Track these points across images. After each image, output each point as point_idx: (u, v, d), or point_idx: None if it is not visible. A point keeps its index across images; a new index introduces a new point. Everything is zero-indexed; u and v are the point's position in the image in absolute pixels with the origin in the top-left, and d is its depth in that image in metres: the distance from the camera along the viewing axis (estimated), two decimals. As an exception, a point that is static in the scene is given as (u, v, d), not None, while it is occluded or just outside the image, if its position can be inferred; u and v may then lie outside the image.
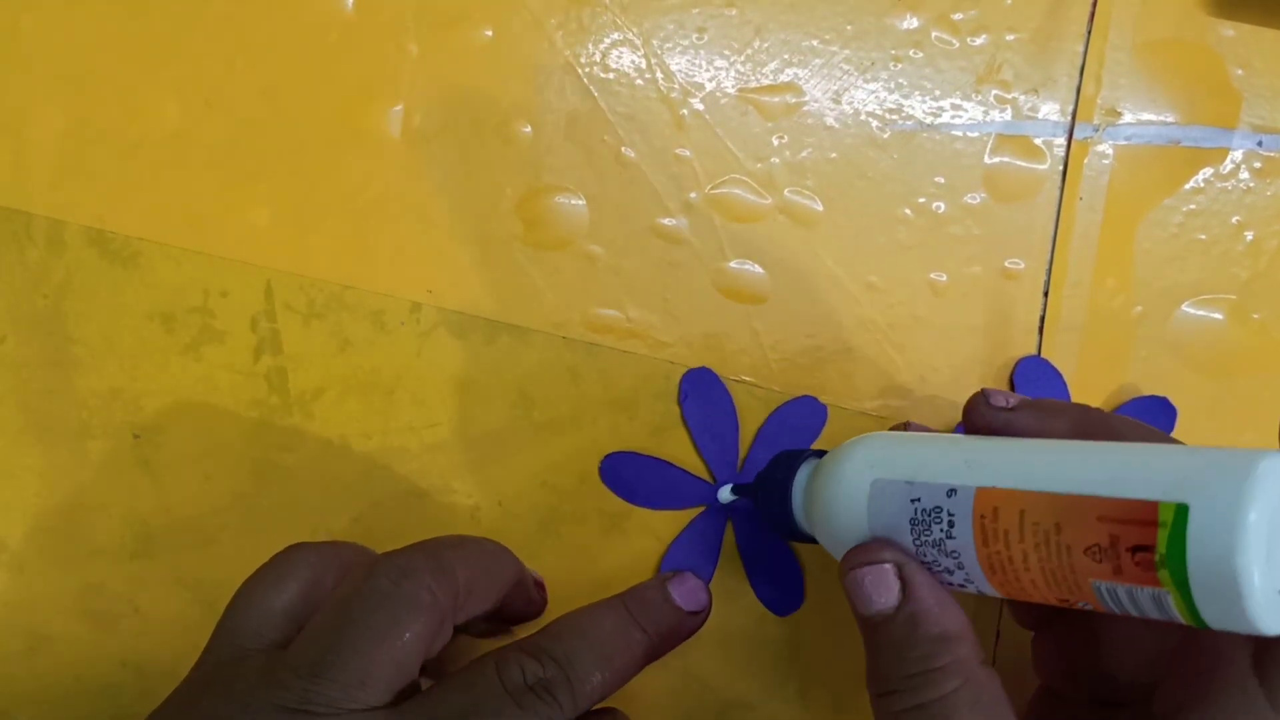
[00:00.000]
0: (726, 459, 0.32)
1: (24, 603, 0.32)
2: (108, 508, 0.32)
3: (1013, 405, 0.26)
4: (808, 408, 0.32)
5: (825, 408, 0.32)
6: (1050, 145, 0.33)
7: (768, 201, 0.33)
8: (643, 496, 0.32)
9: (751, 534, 0.32)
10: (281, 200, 0.33)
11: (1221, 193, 0.33)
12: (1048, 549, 0.21)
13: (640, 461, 0.32)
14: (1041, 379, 0.32)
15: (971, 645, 0.23)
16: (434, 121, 0.33)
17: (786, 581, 0.32)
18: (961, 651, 0.23)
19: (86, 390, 0.32)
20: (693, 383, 0.32)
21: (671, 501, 0.31)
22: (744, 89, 0.33)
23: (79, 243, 0.32)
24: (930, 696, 0.22)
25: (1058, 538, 0.21)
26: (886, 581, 0.24)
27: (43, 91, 0.32)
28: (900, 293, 0.33)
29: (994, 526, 0.22)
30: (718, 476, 0.32)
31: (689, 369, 0.32)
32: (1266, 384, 0.33)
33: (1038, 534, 0.21)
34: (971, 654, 0.23)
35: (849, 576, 0.24)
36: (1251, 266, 0.33)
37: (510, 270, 0.33)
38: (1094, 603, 0.21)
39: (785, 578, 0.32)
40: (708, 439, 0.32)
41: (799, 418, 0.32)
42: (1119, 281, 0.33)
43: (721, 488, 0.31)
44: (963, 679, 0.22)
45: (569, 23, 0.33)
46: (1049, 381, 0.32)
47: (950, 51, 0.34)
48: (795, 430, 0.32)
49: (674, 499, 0.32)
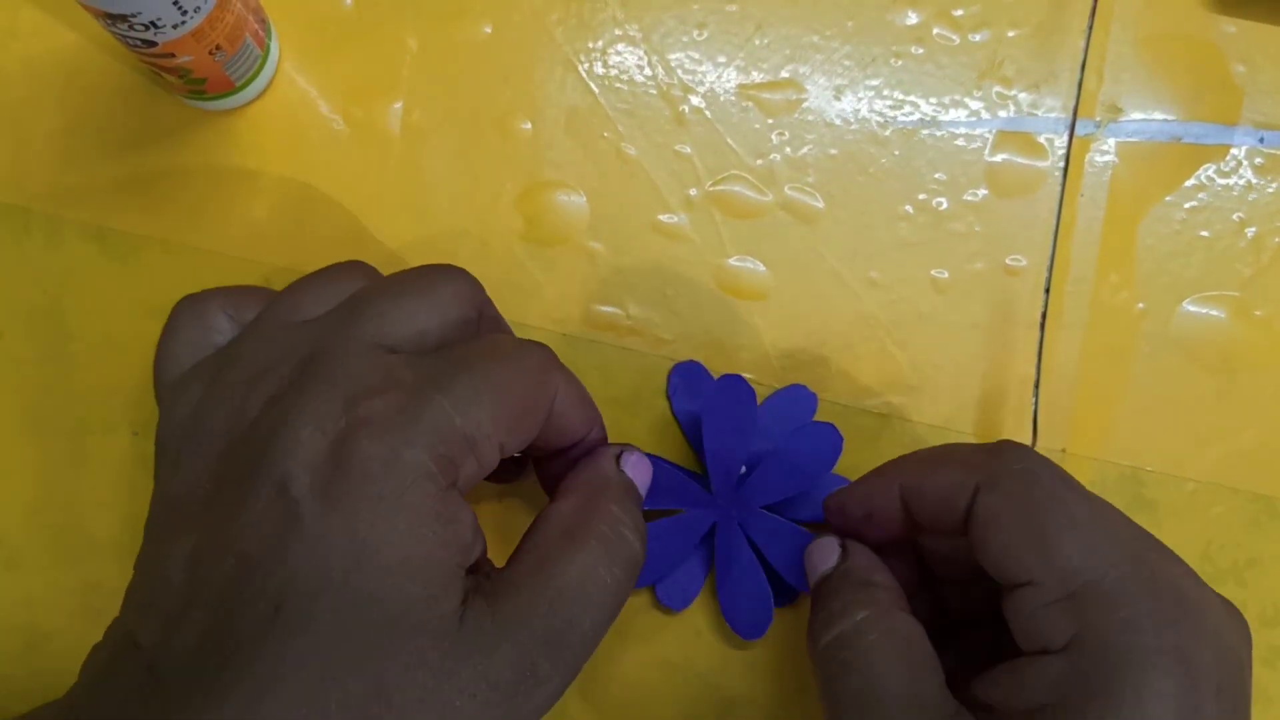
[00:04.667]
0: (721, 456, 0.31)
1: (22, 600, 0.32)
2: (107, 505, 0.32)
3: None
4: (796, 395, 0.32)
5: (814, 396, 0.32)
6: (1052, 142, 0.33)
7: (768, 198, 0.33)
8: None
9: (733, 545, 0.31)
10: (280, 196, 0.32)
11: (1223, 189, 0.33)
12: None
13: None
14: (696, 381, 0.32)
15: (893, 594, 0.26)
16: (433, 117, 0.33)
17: (756, 601, 0.31)
18: (880, 595, 0.26)
19: (85, 387, 0.32)
20: (682, 376, 0.32)
21: (667, 500, 0.31)
22: (744, 85, 0.33)
23: (78, 239, 0.32)
24: (845, 628, 0.25)
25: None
26: (830, 547, 0.28)
27: (42, 87, 0.32)
28: (902, 289, 0.33)
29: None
30: (711, 472, 0.31)
31: (676, 363, 0.32)
32: (1269, 380, 0.33)
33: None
34: (891, 600, 0.26)
35: (804, 559, 0.29)
36: (1254, 263, 0.33)
37: (510, 267, 0.32)
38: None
39: (757, 599, 0.31)
40: (696, 435, 0.31)
41: (787, 406, 0.32)
42: (1121, 278, 0.33)
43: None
44: (875, 613, 0.25)
45: (569, 18, 0.33)
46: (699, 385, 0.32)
47: (951, 47, 0.34)
48: (786, 420, 0.32)
49: (669, 498, 0.31)
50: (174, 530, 0.22)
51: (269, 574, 0.20)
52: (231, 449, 0.22)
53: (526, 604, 0.22)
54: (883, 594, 0.26)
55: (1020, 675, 0.23)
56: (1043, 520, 0.23)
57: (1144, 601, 0.22)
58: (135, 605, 0.22)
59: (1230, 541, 0.32)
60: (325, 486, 0.21)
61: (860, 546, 0.28)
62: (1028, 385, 0.32)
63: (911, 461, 0.27)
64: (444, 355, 0.24)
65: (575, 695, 0.31)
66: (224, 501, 0.22)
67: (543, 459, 0.28)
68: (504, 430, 0.23)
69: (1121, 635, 0.22)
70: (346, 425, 0.21)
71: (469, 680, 0.21)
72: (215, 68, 0.30)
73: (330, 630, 0.20)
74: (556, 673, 0.22)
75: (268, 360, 0.23)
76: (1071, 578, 0.23)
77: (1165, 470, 0.33)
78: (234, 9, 0.29)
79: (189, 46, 0.28)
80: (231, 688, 0.20)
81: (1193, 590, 0.23)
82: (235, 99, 0.32)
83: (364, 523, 0.21)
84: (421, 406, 0.22)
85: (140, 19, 0.26)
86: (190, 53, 0.28)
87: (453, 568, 0.22)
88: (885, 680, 0.24)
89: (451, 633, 0.21)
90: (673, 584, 0.31)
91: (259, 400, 0.22)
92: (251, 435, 0.22)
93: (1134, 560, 0.23)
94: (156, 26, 0.27)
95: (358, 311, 0.24)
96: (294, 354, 0.23)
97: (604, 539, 0.24)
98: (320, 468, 0.21)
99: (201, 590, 0.21)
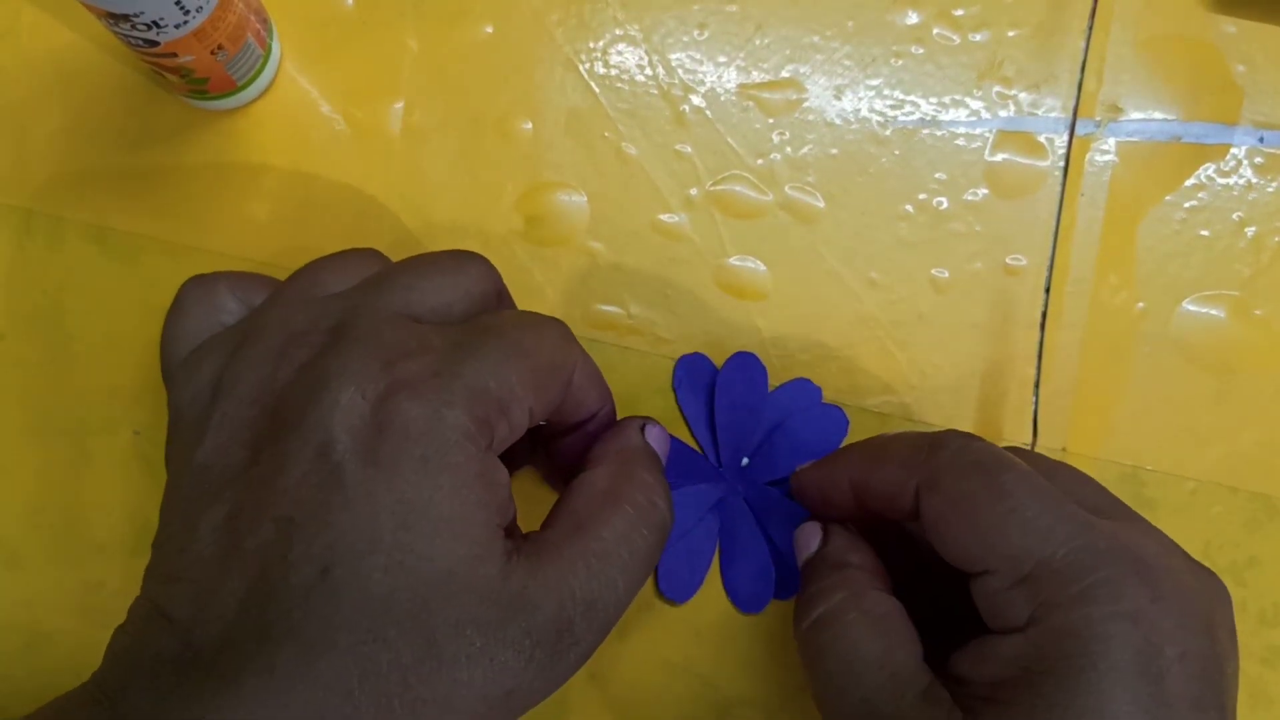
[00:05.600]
0: (731, 431, 0.31)
1: (23, 600, 0.32)
2: (108, 505, 0.32)
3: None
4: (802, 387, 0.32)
5: (819, 388, 0.32)
6: (1052, 141, 0.33)
7: (769, 198, 0.33)
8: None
9: (741, 522, 0.31)
10: (281, 196, 0.32)
11: (1223, 189, 0.33)
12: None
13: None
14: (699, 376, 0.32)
15: (870, 574, 0.27)
16: (434, 117, 0.33)
17: (757, 576, 0.31)
18: (856, 576, 0.26)
19: (86, 387, 0.32)
20: (686, 369, 0.32)
21: (674, 473, 0.31)
22: (745, 85, 0.33)
23: (78, 239, 0.32)
24: (823, 611, 0.26)
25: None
26: (813, 533, 0.28)
27: (43, 87, 0.32)
28: (902, 289, 0.33)
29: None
30: (721, 446, 0.31)
31: (683, 355, 0.32)
32: (1269, 381, 0.33)
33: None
34: (866, 580, 0.26)
35: (793, 543, 0.29)
36: (1253, 263, 0.33)
37: (511, 267, 0.32)
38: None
39: (758, 573, 0.31)
40: (703, 427, 0.32)
41: (793, 396, 0.32)
42: (1121, 278, 0.33)
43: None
44: (851, 594, 0.26)
45: (569, 19, 0.33)
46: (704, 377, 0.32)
47: (951, 47, 0.34)
48: (793, 406, 0.32)
49: (678, 471, 0.31)
50: (202, 500, 0.22)
51: (314, 537, 0.20)
52: (264, 415, 0.22)
53: (568, 565, 0.23)
54: (858, 574, 0.27)
55: (987, 650, 0.23)
56: (984, 513, 0.23)
57: (1100, 571, 0.22)
58: (162, 579, 0.22)
59: (1229, 541, 0.32)
60: (368, 448, 0.21)
61: (839, 529, 0.28)
62: (1028, 385, 0.32)
63: (858, 455, 0.28)
64: (471, 324, 0.24)
65: (575, 695, 0.31)
66: (259, 467, 0.21)
67: (555, 435, 0.28)
68: (532, 394, 0.23)
69: (1076, 609, 0.22)
70: (386, 387, 0.21)
71: (515, 637, 0.21)
72: (217, 67, 0.30)
73: (380, 591, 0.20)
74: (590, 632, 0.23)
75: (297, 328, 0.23)
76: (1023, 561, 0.23)
77: (1165, 470, 0.33)
78: (236, 9, 0.29)
79: (191, 46, 0.28)
80: (278, 652, 0.19)
81: (1154, 555, 0.23)
82: (237, 99, 0.32)
83: (409, 483, 0.21)
84: (457, 369, 0.22)
85: (142, 19, 0.26)
86: (192, 52, 0.28)
87: (494, 528, 0.22)
88: (861, 659, 0.25)
89: (497, 591, 0.21)
90: (675, 573, 0.31)
91: (291, 367, 0.22)
92: (285, 401, 0.22)
93: (1087, 531, 0.23)
94: (159, 26, 0.27)
95: (385, 285, 0.24)
96: (324, 321, 0.23)
97: (638, 505, 0.25)
98: (362, 430, 0.21)
99: (238, 558, 0.21)
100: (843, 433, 0.32)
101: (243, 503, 0.21)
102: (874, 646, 0.25)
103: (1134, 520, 0.25)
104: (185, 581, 0.21)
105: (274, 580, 0.20)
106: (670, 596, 0.31)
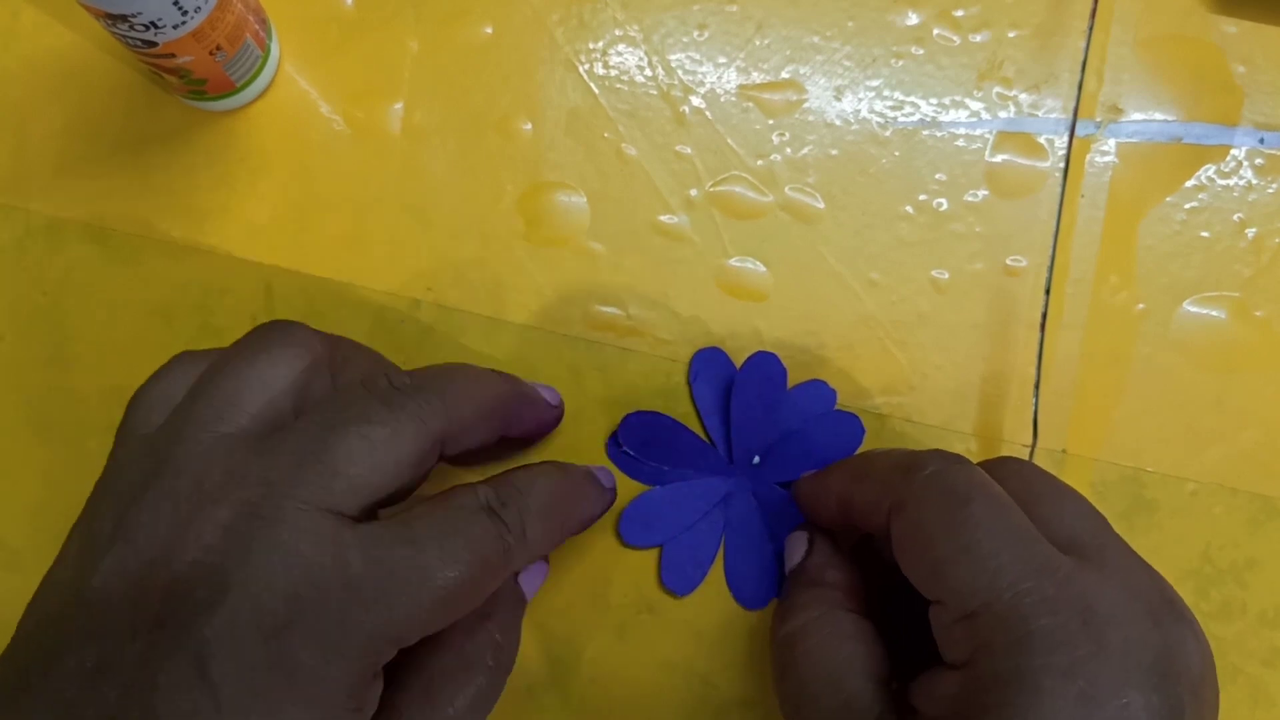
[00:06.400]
0: (746, 429, 0.31)
1: (23, 601, 0.32)
2: (107, 505, 0.32)
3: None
4: (818, 390, 0.32)
5: (834, 391, 0.32)
6: (1052, 142, 0.33)
7: (769, 199, 0.33)
8: (659, 457, 0.31)
9: (747, 519, 0.31)
10: (281, 198, 0.32)
11: (1223, 190, 0.33)
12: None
13: (663, 422, 0.31)
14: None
15: (844, 594, 0.27)
16: (434, 118, 0.33)
17: (761, 573, 0.31)
18: (829, 595, 0.27)
19: (86, 388, 0.32)
20: (703, 363, 0.32)
21: (685, 465, 0.31)
22: (745, 86, 0.33)
23: (78, 240, 0.32)
24: (791, 627, 0.26)
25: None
26: (800, 543, 0.29)
27: (42, 87, 0.32)
28: (902, 290, 0.33)
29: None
30: (734, 443, 0.31)
31: (700, 348, 0.32)
32: (1269, 381, 0.33)
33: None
34: (840, 600, 0.27)
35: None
36: (1254, 264, 0.33)
37: (511, 267, 0.32)
38: None
39: (762, 570, 0.31)
40: (716, 421, 0.32)
41: (809, 399, 0.32)
42: (1121, 279, 0.33)
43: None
44: (817, 616, 0.26)
45: (569, 19, 0.33)
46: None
47: (952, 48, 0.34)
48: (809, 418, 0.32)
49: (688, 463, 0.31)
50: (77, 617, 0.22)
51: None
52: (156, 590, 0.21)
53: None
54: (831, 594, 0.27)
55: (934, 685, 0.23)
56: (940, 545, 0.23)
57: (1041, 619, 0.21)
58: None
59: (1230, 542, 0.32)
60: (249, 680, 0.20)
61: (822, 543, 0.29)
62: (1028, 385, 0.32)
63: (847, 471, 0.28)
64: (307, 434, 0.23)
65: (575, 695, 0.31)
66: (140, 642, 0.21)
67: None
68: (410, 471, 0.23)
69: (1010, 657, 0.21)
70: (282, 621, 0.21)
71: None
72: (215, 68, 0.30)
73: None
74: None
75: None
76: (969, 599, 0.22)
77: (1165, 471, 0.33)
78: (234, 9, 0.29)
79: (189, 47, 0.28)
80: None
81: (1107, 603, 0.22)
82: (236, 99, 0.32)
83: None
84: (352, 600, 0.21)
85: (141, 19, 0.26)
86: (191, 53, 0.28)
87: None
88: (819, 680, 0.25)
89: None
90: (678, 566, 0.31)
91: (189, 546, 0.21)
92: (172, 589, 0.21)
93: (1038, 575, 0.22)
94: (157, 27, 0.27)
95: (201, 404, 0.23)
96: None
97: (487, 669, 0.25)
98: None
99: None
100: (858, 441, 0.32)
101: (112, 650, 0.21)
102: (832, 671, 0.25)
103: (1107, 558, 0.24)
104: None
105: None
106: (672, 588, 0.31)
